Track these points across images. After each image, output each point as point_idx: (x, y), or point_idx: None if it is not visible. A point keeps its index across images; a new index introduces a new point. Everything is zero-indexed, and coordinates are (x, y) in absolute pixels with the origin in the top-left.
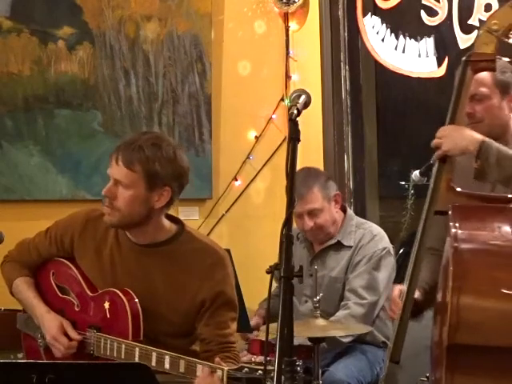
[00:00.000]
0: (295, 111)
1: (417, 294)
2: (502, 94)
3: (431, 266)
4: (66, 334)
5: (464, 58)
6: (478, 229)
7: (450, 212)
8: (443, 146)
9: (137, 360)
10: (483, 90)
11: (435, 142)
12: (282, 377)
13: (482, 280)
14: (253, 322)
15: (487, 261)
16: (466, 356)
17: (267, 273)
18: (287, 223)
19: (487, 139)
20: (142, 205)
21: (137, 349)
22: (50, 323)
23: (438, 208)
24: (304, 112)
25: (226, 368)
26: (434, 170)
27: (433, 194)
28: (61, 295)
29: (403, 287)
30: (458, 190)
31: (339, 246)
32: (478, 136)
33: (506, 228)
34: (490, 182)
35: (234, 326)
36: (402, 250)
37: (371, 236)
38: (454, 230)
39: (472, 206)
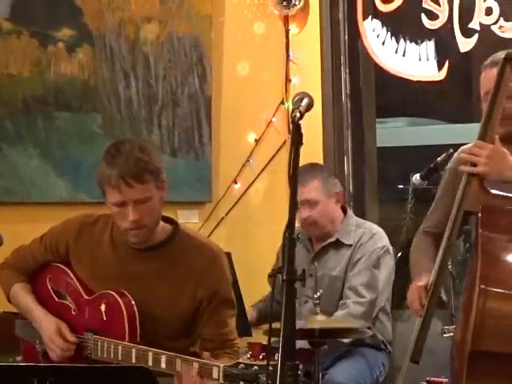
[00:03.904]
0: (298, 114)
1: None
2: None
3: None
4: (62, 336)
5: (504, 56)
6: (507, 232)
7: (479, 213)
8: (483, 167)
9: (134, 361)
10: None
11: (473, 158)
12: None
13: (509, 285)
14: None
15: None
16: (488, 363)
17: (269, 276)
18: (290, 226)
19: None
20: (159, 207)
21: (133, 350)
22: (47, 324)
23: (468, 208)
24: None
25: (221, 365)
26: (464, 180)
27: (464, 193)
28: (58, 300)
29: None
30: (492, 191)
31: (339, 244)
32: None
33: None
34: None
35: (233, 323)
36: (400, 254)
37: (371, 234)
38: (483, 233)
39: (502, 209)
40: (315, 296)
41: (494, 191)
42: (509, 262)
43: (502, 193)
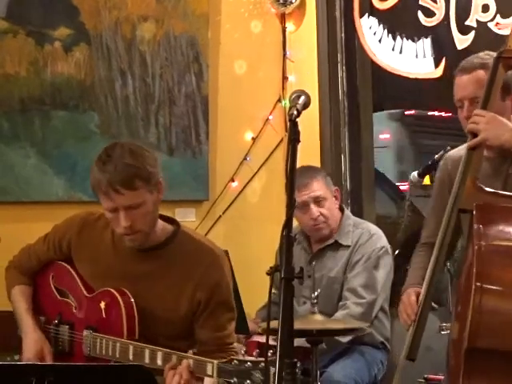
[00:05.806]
0: (295, 112)
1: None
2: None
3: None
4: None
5: (496, 55)
6: (502, 230)
7: (473, 211)
8: (482, 133)
9: (131, 358)
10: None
11: (473, 127)
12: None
13: (505, 282)
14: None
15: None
16: (486, 361)
17: (268, 274)
18: (288, 224)
19: None
20: (154, 210)
21: (131, 347)
22: (30, 344)
23: (462, 206)
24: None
25: (215, 361)
26: (463, 160)
27: (458, 192)
28: (60, 298)
29: (419, 290)
30: (486, 189)
31: (337, 245)
32: None
33: None
34: None
35: (231, 326)
36: (397, 252)
37: (369, 235)
38: (477, 231)
39: (496, 206)
40: (313, 295)
41: (487, 189)
42: (504, 259)
43: (495, 190)
